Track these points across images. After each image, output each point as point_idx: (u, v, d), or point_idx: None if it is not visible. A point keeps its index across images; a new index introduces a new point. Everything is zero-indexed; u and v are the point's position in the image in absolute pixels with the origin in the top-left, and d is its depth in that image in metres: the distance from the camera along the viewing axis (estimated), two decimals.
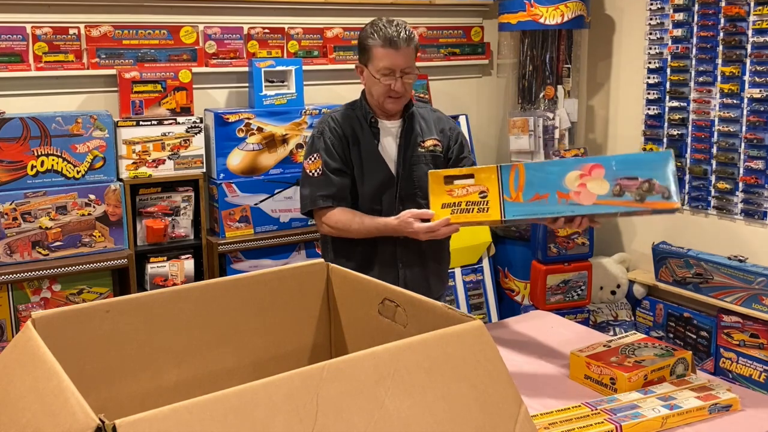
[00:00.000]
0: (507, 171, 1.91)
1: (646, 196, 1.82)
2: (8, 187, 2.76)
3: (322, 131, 2.30)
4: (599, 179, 1.85)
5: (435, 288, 2.43)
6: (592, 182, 1.85)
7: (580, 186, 1.86)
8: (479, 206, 1.92)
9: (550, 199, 1.87)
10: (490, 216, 1.90)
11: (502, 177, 1.91)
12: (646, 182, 1.83)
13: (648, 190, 1.82)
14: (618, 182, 1.84)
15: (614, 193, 1.84)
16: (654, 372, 1.90)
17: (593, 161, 1.87)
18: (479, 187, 1.93)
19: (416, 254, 2.33)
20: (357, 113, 2.33)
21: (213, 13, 3.32)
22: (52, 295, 2.85)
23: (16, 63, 2.93)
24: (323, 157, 2.27)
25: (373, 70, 2.22)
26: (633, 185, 1.83)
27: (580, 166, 1.87)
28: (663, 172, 1.83)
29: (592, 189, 1.85)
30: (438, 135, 2.36)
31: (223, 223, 3.17)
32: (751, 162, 3.36)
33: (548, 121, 3.74)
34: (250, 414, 0.88)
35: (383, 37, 2.18)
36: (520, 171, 1.90)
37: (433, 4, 3.84)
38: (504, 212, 1.89)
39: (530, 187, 1.88)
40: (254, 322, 1.45)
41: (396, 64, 2.19)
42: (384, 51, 2.19)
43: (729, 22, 3.38)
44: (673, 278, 3.62)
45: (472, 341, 1.08)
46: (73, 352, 1.22)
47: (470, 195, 1.93)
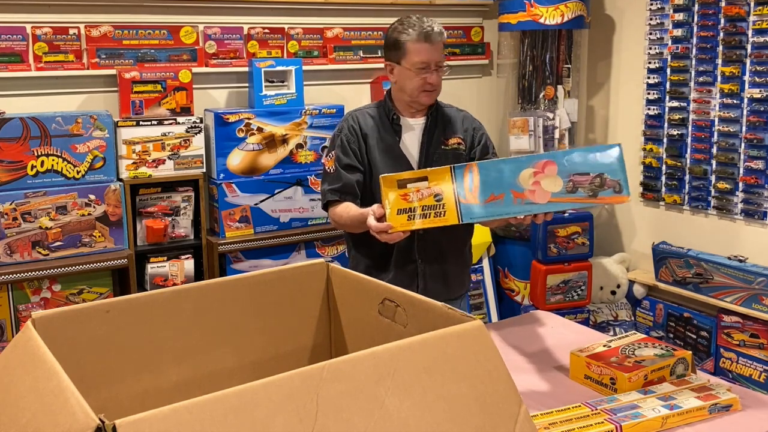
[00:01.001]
0: (461, 172, 1.89)
1: (598, 192, 1.83)
2: (8, 187, 2.76)
3: (341, 129, 2.35)
4: (552, 176, 1.85)
5: (453, 287, 2.42)
6: (545, 180, 1.86)
7: (534, 184, 1.86)
8: (435, 210, 1.90)
9: (506, 199, 1.87)
10: (446, 220, 1.89)
11: (457, 178, 1.89)
12: (597, 177, 1.83)
13: (600, 185, 1.83)
14: (571, 179, 1.85)
15: (568, 190, 1.84)
16: (654, 372, 1.90)
17: (545, 158, 1.88)
18: (434, 190, 1.91)
19: (435, 250, 2.34)
20: (380, 111, 2.36)
21: (213, 13, 3.32)
22: (52, 295, 2.85)
23: (16, 63, 2.93)
24: (337, 153, 2.31)
25: (407, 64, 2.25)
26: (585, 181, 1.84)
27: (533, 164, 1.86)
28: (614, 166, 1.84)
29: (546, 187, 1.86)
30: (462, 134, 2.38)
31: (223, 223, 3.17)
32: (751, 162, 3.36)
33: (548, 121, 3.74)
34: (250, 414, 0.88)
35: (418, 32, 2.23)
36: (474, 171, 1.89)
37: (433, 4, 3.84)
38: (461, 215, 1.88)
39: (485, 188, 1.87)
40: (254, 322, 1.45)
41: (431, 57, 2.23)
42: (419, 45, 2.22)
43: (729, 22, 3.38)
44: (673, 278, 3.62)
45: (472, 341, 1.08)
46: (73, 352, 1.22)
47: (425, 199, 1.90)
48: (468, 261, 2.50)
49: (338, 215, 2.27)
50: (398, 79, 2.30)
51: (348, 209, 2.25)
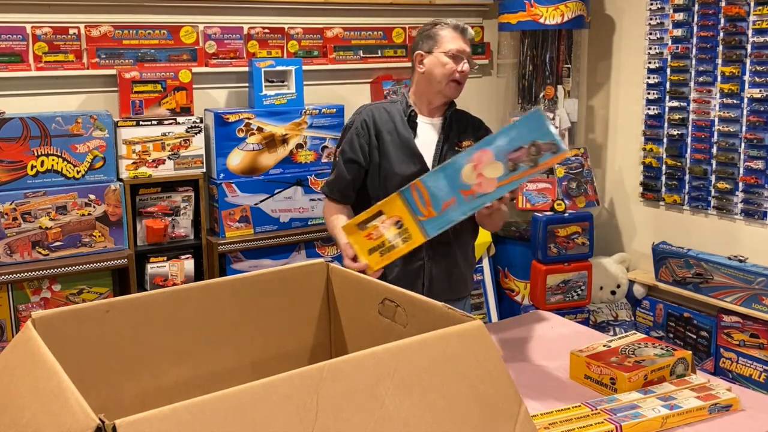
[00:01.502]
0: (409, 193, 1.92)
1: (538, 159, 1.84)
2: (8, 187, 2.76)
3: (353, 122, 2.38)
4: (492, 163, 1.86)
5: (457, 288, 2.43)
6: (487, 168, 1.87)
7: (478, 177, 1.87)
8: (402, 237, 1.92)
9: (458, 200, 1.88)
10: (415, 242, 1.91)
11: (408, 200, 1.92)
12: (532, 146, 1.84)
13: (537, 153, 1.84)
14: (509, 158, 1.85)
15: (510, 169, 1.85)
16: (654, 372, 1.90)
17: (478, 148, 1.89)
18: (393, 219, 1.93)
19: (444, 249, 2.34)
20: (397, 107, 2.38)
21: (213, 13, 3.32)
22: (52, 295, 2.85)
23: (16, 63, 2.93)
24: (344, 147, 2.35)
25: (441, 50, 2.30)
26: (522, 155, 1.84)
27: (470, 158, 1.88)
28: (540, 130, 1.84)
29: (490, 174, 1.87)
30: (474, 138, 2.39)
31: (223, 223, 3.17)
32: (751, 162, 3.36)
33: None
34: (250, 414, 0.88)
35: (453, 24, 2.34)
36: (420, 188, 1.91)
37: (433, 4, 3.84)
38: (425, 232, 1.90)
39: (436, 199, 1.90)
40: (254, 321, 1.45)
41: (463, 48, 2.30)
42: (453, 34, 2.31)
43: (729, 22, 3.38)
44: (673, 278, 3.62)
45: (472, 341, 1.08)
46: (73, 352, 1.22)
47: (388, 231, 1.93)
48: (472, 262, 2.51)
49: (326, 218, 2.35)
50: (428, 68, 2.32)
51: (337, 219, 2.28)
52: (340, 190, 2.34)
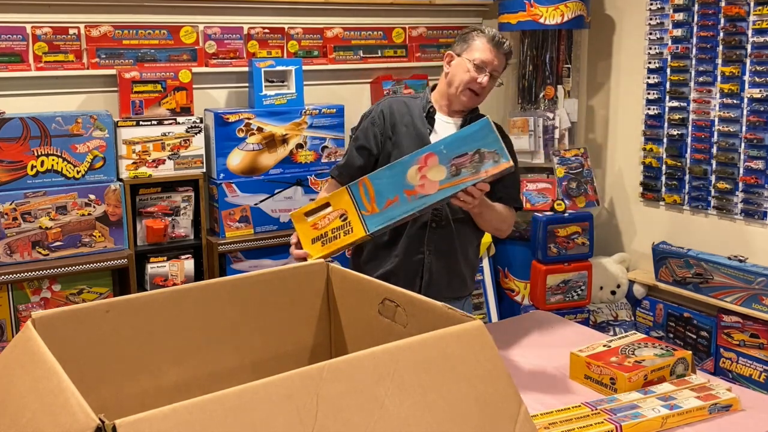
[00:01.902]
0: (356, 188, 1.96)
1: (480, 167, 1.89)
2: (8, 187, 2.76)
3: (371, 110, 2.40)
4: (435, 166, 1.92)
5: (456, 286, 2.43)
6: (430, 171, 1.92)
7: (421, 179, 1.92)
8: (344, 229, 1.96)
9: (401, 199, 1.93)
10: (355, 235, 1.94)
11: (354, 195, 1.96)
12: (476, 154, 1.89)
13: (479, 160, 1.89)
14: (452, 163, 1.91)
15: (452, 174, 1.90)
16: (654, 372, 1.90)
17: (425, 152, 1.94)
18: (338, 212, 1.98)
19: (445, 244, 2.34)
20: (417, 102, 2.40)
21: (213, 13, 3.32)
22: (52, 295, 2.85)
23: (16, 63, 2.93)
24: (358, 134, 2.38)
25: (467, 56, 2.31)
26: (465, 161, 1.90)
27: (416, 160, 1.93)
28: (487, 139, 1.90)
29: (432, 177, 1.91)
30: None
31: (223, 223, 3.17)
32: (751, 162, 3.36)
33: (548, 121, 3.74)
34: (250, 414, 0.88)
35: (490, 35, 2.32)
36: (367, 184, 1.96)
37: (433, 4, 3.84)
38: (366, 227, 1.94)
39: (380, 196, 1.94)
40: (254, 322, 1.45)
41: (491, 60, 2.30)
42: (485, 45, 2.30)
43: (729, 22, 3.38)
44: (673, 278, 3.62)
45: (472, 341, 1.08)
46: (73, 352, 1.22)
47: (332, 222, 1.98)
48: (474, 262, 2.51)
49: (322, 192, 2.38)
50: (452, 70, 2.34)
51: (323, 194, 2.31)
52: (347, 174, 2.34)
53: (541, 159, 3.76)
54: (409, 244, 2.32)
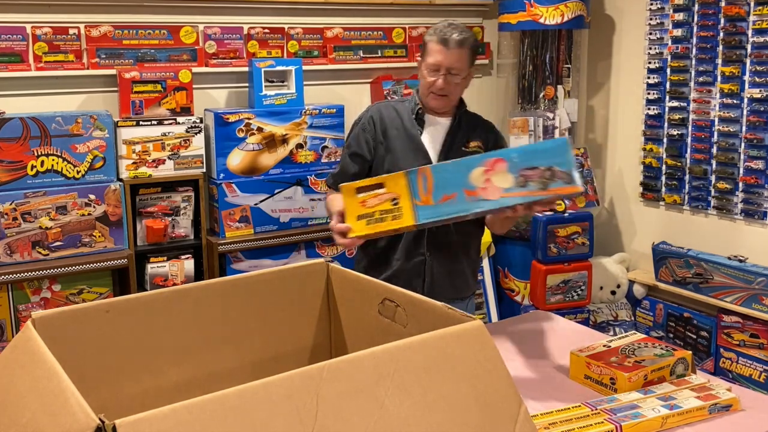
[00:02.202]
0: (414, 175, 1.92)
1: (549, 184, 1.84)
2: (8, 187, 2.76)
3: (361, 117, 2.40)
4: (503, 173, 1.86)
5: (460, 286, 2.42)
6: (496, 176, 1.87)
7: (485, 182, 1.87)
8: (393, 214, 1.91)
9: (458, 197, 1.88)
10: (403, 222, 1.90)
11: (411, 182, 1.91)
12: (547, 170, 1.84)
13: (550, 177, 1.84)
14: (521, 174, 1.85)
15: (519, 184, 1.85)
16: (654, 372, 1.90)
17: (495, 156, 1.89)
18: (391, 195, 1.93)
19: (445, 244, 2.34)
20: (405, 105, 2.40)
21: (213, 13, 3.32)
22: (52, 295, 2.85)
23: (16, 63, 2.93)
24: (350, 141, 2.38)
25: (423, 64, 2.31)
26: (535, 174, 1.85)
27: (483, 162, 1.88)
28: (562, 159, 1.84)
29: (498, 183, 1.87)
30: (483, 140, 2.40)
31: (223, 223, 3.17)
32: (751, 162, 3.36)
33: (548, 121, 3.74)
34: (250, 414, 0.88)
35: (438, 35, 2.27)
36: (428, 174, 1.91)
37: (433, 4, 3.84)
38: (417, 216, 1.89)
39: (438, 189, 1.89)
40: (254, 322, 1.45)
41: (443, 62, 2.25)
42: (435, 47, 2.27)
43: (729, 22, 3.38)
44: (673, 278, 3.62)
45: (472, 341, 1.08)
46: (73, 352, 1.22)
47: (383, 204, 1.93)
48: (476, 261, 2.51)
49: (326, 202, 2.35)
50: (419, 76, 2.36)
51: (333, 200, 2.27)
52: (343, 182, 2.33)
53: None
54: (409, 246, 2.32)
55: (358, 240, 1.97)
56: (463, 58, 2.27)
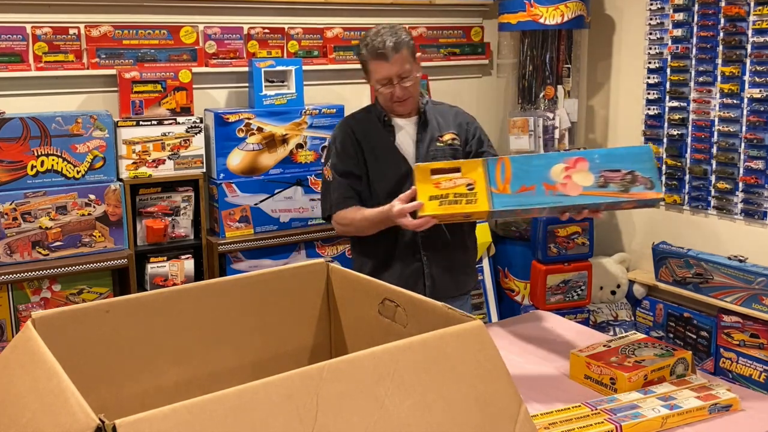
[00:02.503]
0: (493, 164, 1.92)
1: (630, 187, 1.86)
2: (8, 187, 2.76)
3: (335, 137, 2.38)
4: (584, 171, 1.88)
5: (463, 282, 2.43)
6: (577, 174, 1.88)
7: (565, 178, 1.88)
8: (467, 198, 1.91)
9: (537, 190, 1.88)
10: (478, 207, 1.89)
11: (489, 170, 1.91)
12: (629, 174, 1.86)
13: (631, 181, 1.86)
14: (602, 174, 1.87)
15: (599, 184, 1.87)
16: (654, 372, 1.90)
17: (577, 155, 1.90)
18: (466, 180, 1.93)
19: (440, 242, 2.34)
20: (372, 114, 2.38)
21: (213, 13, 3.32)
22: (52, 295, 2.85)
23: (16, 63, 2.93)
24: (334, 162, 2.34)
25: (372, 82, 2.29)
26: (617, 177, 1.87)
27: (565, 159, 1.89)
28: (644, 164, 1.87)
29: (578, 181, 1.88)
30: (455, 129, 2.39)
31: (223, 223, 3.17)
32: (751, 162, 3.36)
33: (548, 121, 3.74)
34: (250, 414, 0.88)
35: (371, 50, 2.23)
36: (506, 164, 1.91)
37: (433, 4, 3.84)
38: (492, 203, 1.88)
39: (517, 180, 1.89)
40: (254, 322, 1.45)
41: (390, 73, 2.23)
42: (376, 64, 2.24)
43: (729, 22, 3.38)
44: (673, 278, 3.62)
45: (472, 341, 1.08)
46: (73, 352, 1.22)
47: (457, 187, 1.93)
48: (473, 252, 2.49)
49: (348, 218, 2.28)
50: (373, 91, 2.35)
51: (359, 211, 2.26)
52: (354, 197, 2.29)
53: None
54: (405, 253, 2.32)
55: (431, 219, 1.95)
56: (405, 59, 2.24)
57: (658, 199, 1.87)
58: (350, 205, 2.29)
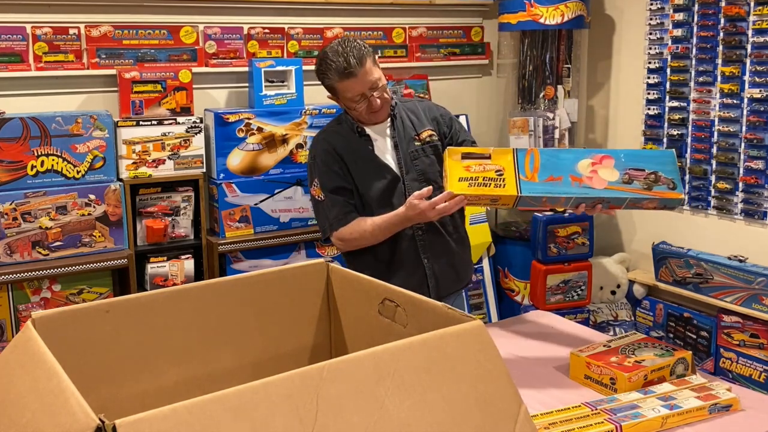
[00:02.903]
0: (523, 154, 2.00)
1: (653, 186, 1.95)
2: (8, 187, 2.76)
3: (314, 155, 2.32)
4: (609, 168, 1.97)
5: (464, 274, 2.44)
6: (603, 170, 1.97)
7: (592, 172, 1.97)
8: (496, 182, 1.97)
9: (564, 181, 1.96)
10: (506, 191, 1.95)
11: (518, 159, 2.00)
12: (652, 174, 1.96)
13: (655, 180, 1.95)
14: (627, 172, 1.97)
15: (624, 180, 1.96)
16: (654, 372, 1.90)
17: (603, 152, 2.01)
18: (496, 166, 2.00)
19: (439, 243, 2.33)
20: (344, 127, 2.33)
21: (213, 13, 3.32)
22: (52, 295, 2.85)
23: (16, 63, 2.93)
24: (321, 181, 2.28)
25: (344, 101, 2.24)
26: (641, 175, 1.96)
27: (591, 155, 2.00)
28: (668, 166, 1.98)
29: (603, 176, 1.97)
30: (431, 124, 2.37)
31: (223, 223, 3.17)
32: (751, 162, 3.36)
33: (548, 121, 3.74)
34: (250, 414, 0.88)
35: (337, 71, 2.17)
36: (536, 155, 2.00)
37: (433, 4, 3.84)
38: (520, 189, 1.95)
39: (545, 170, 1.98)
40: (254, 322, 1.45)
41: (362, 89, 2.19)
42: (344, 84, 2.18)
43: (729, 22, 3.38)
44: (673, 278, 3.62)
45: (472, 341, 1.08)
46: (73, 352, 1.22)
47: (487, 172, 1.99)
48: (466, 235, 2.48)
49: (357, 231, 2.24)
50: (344, 107, 2.29)
51: (365, 221, 2.23)
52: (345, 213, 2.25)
53: None
54: (407, 258, 2.31)
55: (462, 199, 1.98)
56: (371, 69, 2.20)
57: (680, 201, 1.96)
58: (351, 219, 2.25)
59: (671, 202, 1.96)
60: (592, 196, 1.95)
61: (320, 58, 2.23)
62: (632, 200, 1.96)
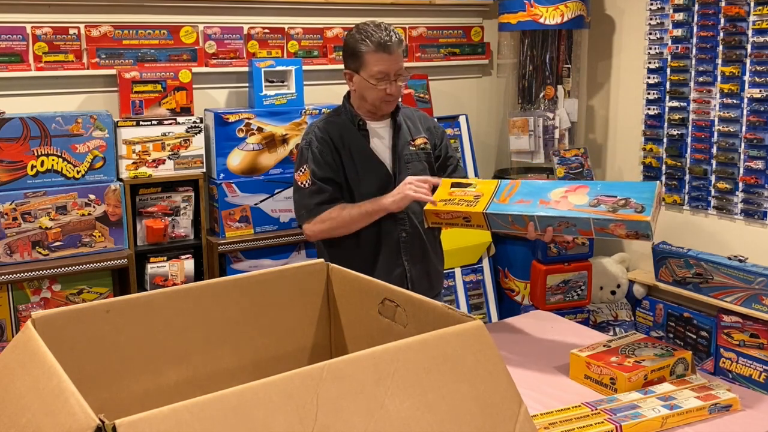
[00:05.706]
0: (505, 184, 2.12)
1: (619, 209, 1.92)
2: (8, 187, 2.76)
3: (309, 141, 2.30)
4: (582, 194, 2.01)
5: (436, 284, 2.48)
6: (573, 195, 2.01)
7: (562, 197, 2.01)
8: (469, 203, 2.10)
9: (532, 204, 2.03)
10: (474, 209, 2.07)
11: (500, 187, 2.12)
12: (623, 199, 1.94)
13: (623, 205, 1.93)
14: (597, 197, 1.98)
15: (591, 204, 1.96)
16: (654, 372, 1.90)
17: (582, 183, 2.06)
18: (477, 193, 2.13)
19: (420, 249, 2.37)
20: (343, 118, 2.33)
21: (213, 13, 3.32)
22: (52, 295, 2.85)
23: (16, 63, 2.93)
24: (311, 168, 2.27)
25: (366, 75, 2.23)
26: (610, 200, 1.96)
27: (569, 185, 2.05)
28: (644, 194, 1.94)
29: (572, 200, 2.00)
30: (425, 133, 2.41)
31: (223, 223, 3.17)
32: (751, 162, 3.36)
33: (548, 121, 3.74)
34: (250, 414, 0.88)
35: (376, 42, 2.18)
36: (516, 185, 2.11)
37: (433, 4, 3.84)
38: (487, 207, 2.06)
39: (518, 195, 2.08)
40: (254, 322, 1.45)
41: (390, 68, 2.20)
42: (378, 56, 2.19)
43: (729, 22, 3.38)
44: (673, 278, 3.62)
45: (472, 341, 1.08)
46: (73, 352, 1.22)
47: (467, 196, 2.13)
48: (441, 255, 2.54)
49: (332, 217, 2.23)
50: (357, 87, 2.28)
51: (345, 207, 2.24)
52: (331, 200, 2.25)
53: (541, 159, 3.76)
54: (389, 259, 2.33)
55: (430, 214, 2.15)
56: (401, 57, 2.23)
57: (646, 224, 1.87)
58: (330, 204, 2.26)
59: (636, 225, 1.88)
60: (555, 215, 1.96)
61: (359, 27, 2.25)
62: (597, 222, 1.91)
